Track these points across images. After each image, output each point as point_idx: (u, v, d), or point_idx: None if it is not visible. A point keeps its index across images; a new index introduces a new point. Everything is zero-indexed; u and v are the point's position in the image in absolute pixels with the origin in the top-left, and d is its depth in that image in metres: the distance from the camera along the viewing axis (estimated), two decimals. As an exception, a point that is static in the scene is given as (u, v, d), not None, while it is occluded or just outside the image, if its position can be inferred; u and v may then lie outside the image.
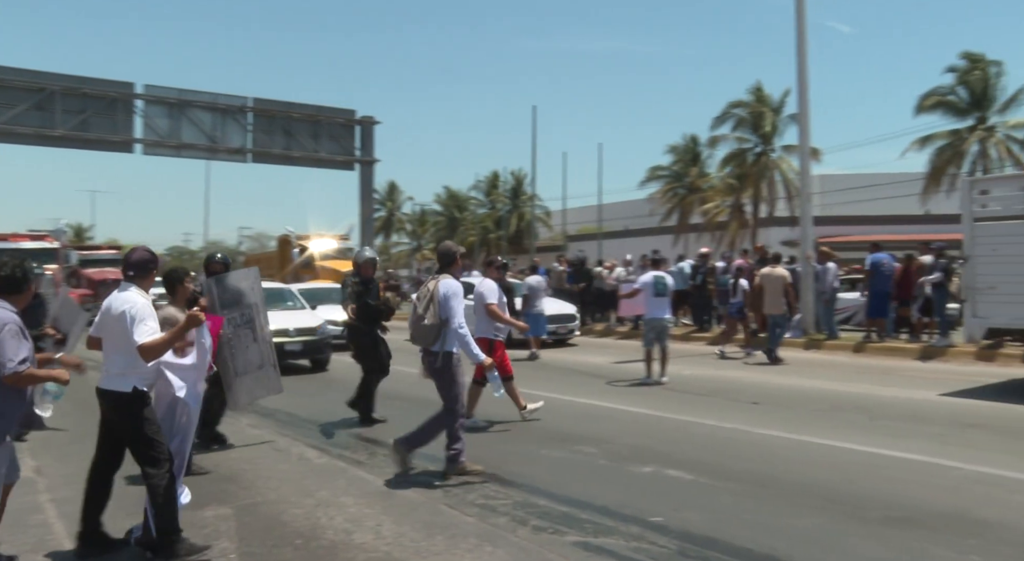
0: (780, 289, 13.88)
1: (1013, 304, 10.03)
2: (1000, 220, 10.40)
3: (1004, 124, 35.62)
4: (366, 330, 9.20)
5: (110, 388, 4.58)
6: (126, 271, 4.75)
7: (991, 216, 10.53)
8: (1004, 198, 10.67)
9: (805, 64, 17.43)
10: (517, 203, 63.13)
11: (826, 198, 42.32)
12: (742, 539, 4.81)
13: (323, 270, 26.99)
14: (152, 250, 4.93)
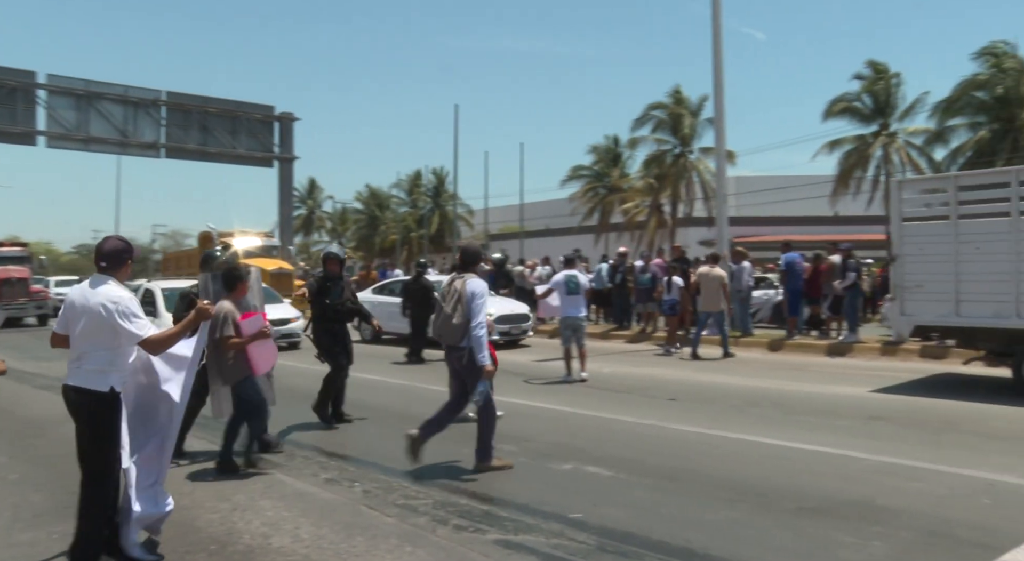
0: (717, 288, 14.36)
1: (939, 302, 10.32)
2: (926, 220, 10.80)
3: (904, 131, 37.38)
4: (327, 327, 8.81)
5: (86, 386, 4.25)
6: (98, 262, 4.42)
7: (918, 216, 10.91)
8: (930, 199, 11.11)
9: (721, 69, 17.88)
10: (439, 202, 62.93)
11: (741, 199, 43.59)
12: (659, 533, 4.90)
13: None
14: (126, 239, 4.60)
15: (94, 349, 4.26)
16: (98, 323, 4.23)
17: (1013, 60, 33.61)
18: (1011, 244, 9.62)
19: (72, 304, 4.37)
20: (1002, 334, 9.97)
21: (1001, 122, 33.89)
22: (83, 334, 4.28)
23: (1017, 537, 4.68)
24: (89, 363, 4.27)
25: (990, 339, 10.26)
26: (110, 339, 4.24)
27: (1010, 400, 9.40)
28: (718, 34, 17.78)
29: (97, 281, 4.38)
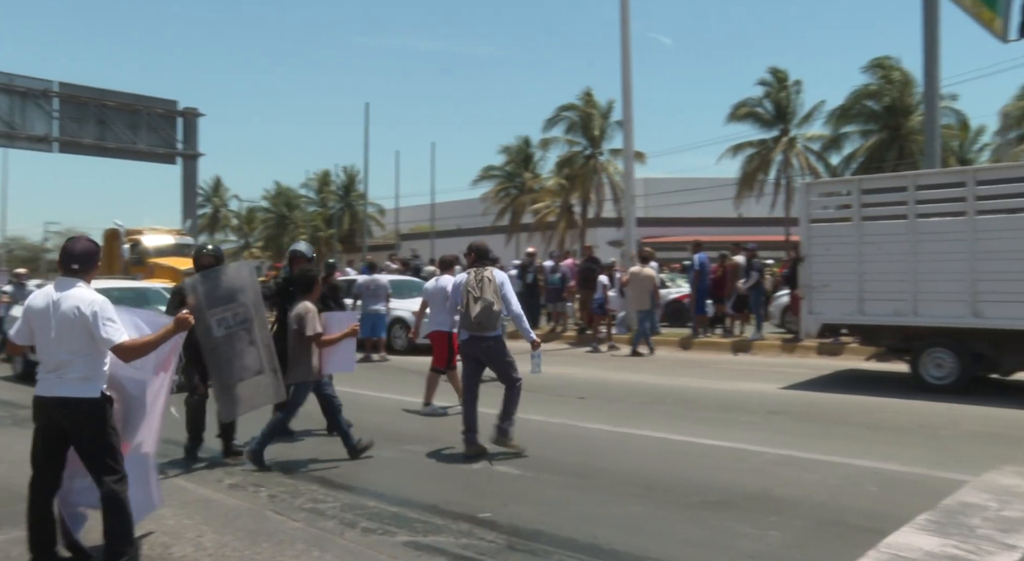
0: (647, 287, 14.69)
1: (844, 300, 10.75)
2: (832, 222, 11.23)
3: (803, 136, 38.99)
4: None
5: (75, 395, 4.04)
6: (69, 264, 4.18)
7: (824, 218, 11.33)
8: (836, 201, 11.57)
9: (629, 72, 18.24)
10: (349, 201, 62.06)
11: (649, 200, 44.53)
12: (568, 530, 4.96)
13: (158, 268, 24.96)
14: (93, 239, 4.36)
15: (75, 357, 4.05)
16: (74, 329, 4.03)
17: (899, 73, 35.52)
18: (908, 245, 10.13)
19: (36, 310, 4.13)
20: (901, 331, 10.48)
21: (889, 130, 35.82)
22: (59, 342, 4.05)
23: (900, 520, 4.95)
24: (72, 372, 4.05)
25: (890, 336, 10.78)
26: (90, 344, 4.04)
27: (903, 393, 9.91)
28: (626, 38, 18.14)
29: (66, 284, 4.14)
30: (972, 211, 9.67)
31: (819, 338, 13.26)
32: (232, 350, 6.31)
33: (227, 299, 6.31)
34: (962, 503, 5.33)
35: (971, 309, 9.68)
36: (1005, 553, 4.41)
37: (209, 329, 6.23)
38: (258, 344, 6.42)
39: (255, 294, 6.43)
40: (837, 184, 14.23)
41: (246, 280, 6.45)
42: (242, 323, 6.32)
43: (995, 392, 9.93)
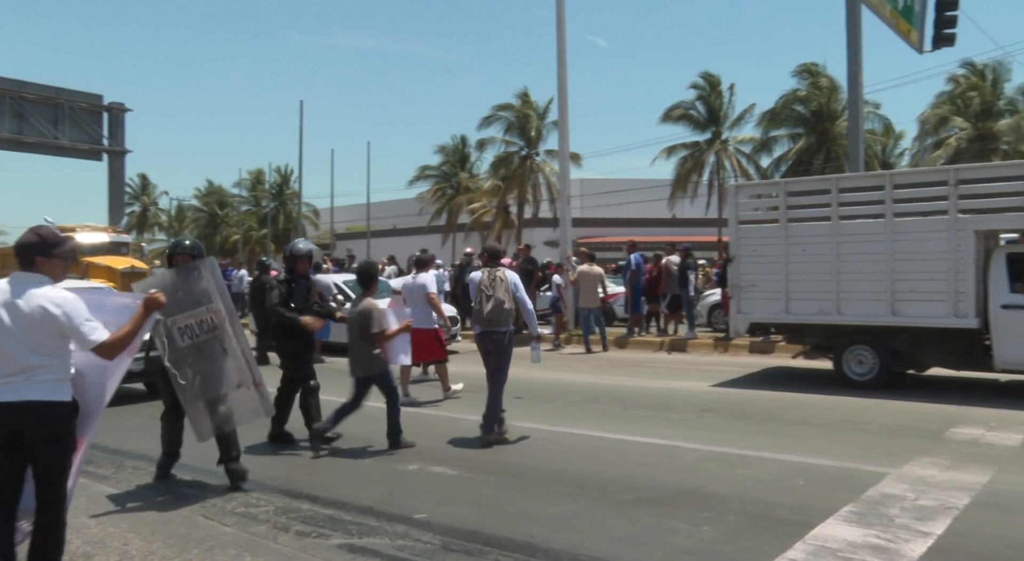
0: (596, 285, 15.01)
1: (771, 300, 11.03)
2: (760, 223, 11.50)
3: (734, 139, 39.88)
4: (290, 332, 7.45)
5: (47, 398, 3.68)
6: (31, 256, 3.81)
7: (752, 219, 11.59)
8: (763, 203, 11.84)
9: (565, 73, 18.37)
10: (283, 200, 61.08)
11: (585, 201, 44.93)
12: (504, 529, 4.98)
13: (93, 267, 23.87)
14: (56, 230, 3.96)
15: (46, 359, 3.71)
16: (43, 329, 3.69)
17: (826, 79, 36.65)
18: (832, 246, 10.46)
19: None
20: (825, 329, 10.81)
21: (817, 134, 36.89)
22: (27, 344, 3.67)
23: (826, 512, 5.11)
24: (44, 374, 3.70)
25: (815, 334, 11.11)
26: (60, 345, 3.74)
27: (829, 389, 10.21)
28: (562, 40, 18.27)
29: (27, 281, 3.78)
30: (890, 213, 10.04)
31: (749, 337, 13.59)
32: (203, 362, 5.69)
33: (191, 304, 5.64)
34: (883, 494, 5.54)
35: (890, 308, 10.05)
36: (920, 540, 4.61)
37: (171, 340, 5.62)
38: (235, 354, 5.76)
39: (223, 297, 5.74)
40: (764, 186, 14.59)
41: (210, 282, 5.71)
42: (210, 331, 5.67)
43: (913, 387, 10.32)
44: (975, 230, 9.57)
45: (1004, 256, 9.59)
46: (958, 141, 36.03)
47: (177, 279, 5.74)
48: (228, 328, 5.70)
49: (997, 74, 36.99)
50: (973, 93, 36.79)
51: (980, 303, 9.59)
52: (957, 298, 9.63)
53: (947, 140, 36.69)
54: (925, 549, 4.48)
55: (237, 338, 5.76)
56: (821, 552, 4.44)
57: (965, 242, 9.58)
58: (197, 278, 5.72)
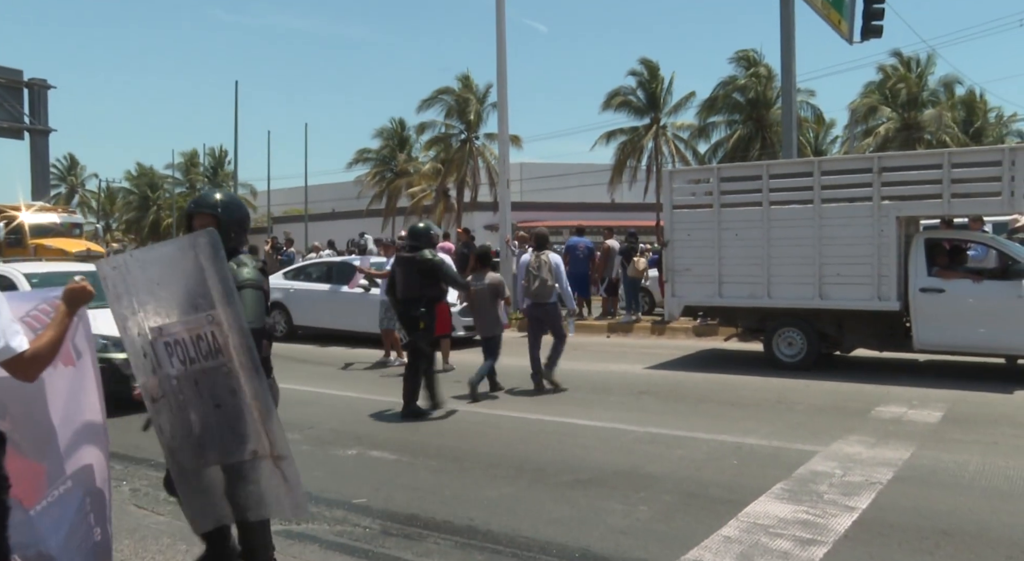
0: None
1: (704, 284, 11.20)
2: (694, 208, 11.66)
3: (673, 125, 40.38)
4: (430, 305, 8.40)
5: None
6: None
7: (687, 204, 11.74)
8: (697, 188, 11.99)
9: (504, 57, 18.32)
10: (217, 182, 59.69)
11: (525, 185, 44.99)
12: (443, 513, 4.99)
13: (43, 249, 22.06)
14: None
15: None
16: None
17: (763, 67, 37.34)
18: (762, 231, 10.69)
19: None
20: (756, 312, 11.07)
21: (753, 121, 37.60)
22: None
23: (758, 490, 5.25)
24: None
25: (746, 317, 11.37)
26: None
27: (761, 371, 10.46)
28: (501, 23, 18.20)
29: None
30: (818, 199, 10.31)
31: (685, 320, 13.81)
32: (202, 406, 3.36)
33: (182, 305, 3.30)
34: (812, 472, 5.72)
35: (818, 291, 10.34)
36: (846, 514, 4.78)
37: (155, 362, 3.39)
38: (245, 398, 3.26)
39: (230, 302, 3.19)
40: (698, 172, 14.78)
41: (210, 273, 3.21)
42: (211, 356, 3.26)
43: (839, 368, 10.64)
44: (897, 216, 9.89)
45: (923, 241, 9.94)
46: (886, 130, 37.17)
47: (151, 260, 3.42)
48: (236, 357, 3.20)
49: (922, 66, 38.22)
50: (901, 85, 37.94)
51: (901, 287, 9.93)
52: (880, 282, 9.94)
53: (876, 129, 37.81)
54: (851, 523, 4.64)
55: (245, 368, 3.21)
56: (753, 529, 4.57)
57: (888, 228, 9.90)
58: (187, 263, 3.24)
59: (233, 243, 3.67)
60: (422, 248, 8.31)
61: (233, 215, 3.72)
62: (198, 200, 3.80)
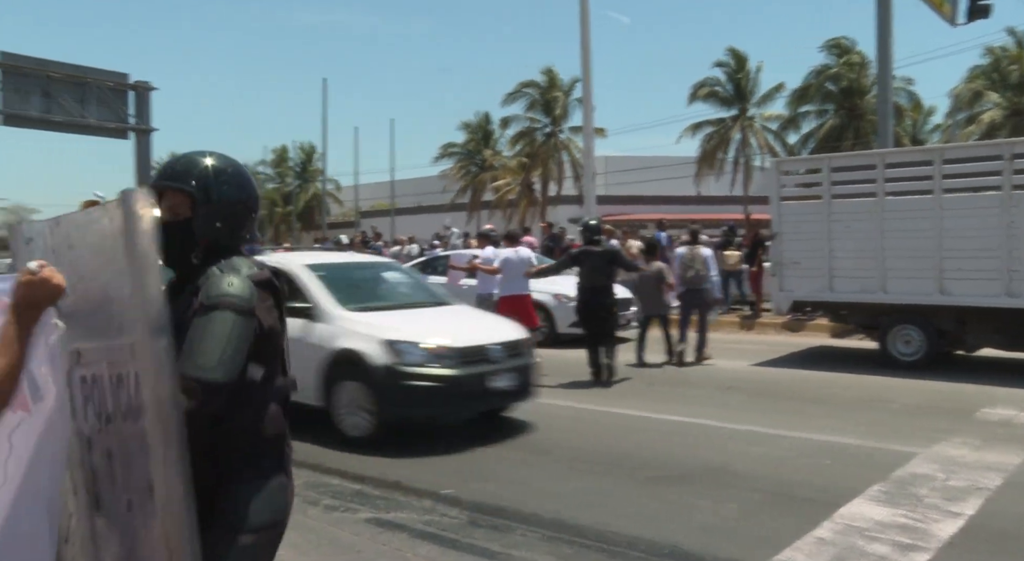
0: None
1: (813, 278, 10.83)
2: (802, 200, 11.33)
3: (761, 116, 39.39)
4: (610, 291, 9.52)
5: None
6: None
7: (795, 196, 11.42)
8: (805, 179, 11.66)
9: (588, 48, 18.20)
10: (306, 177, 61.29)
11: (610, 178, 44.65)
12: (530, 506, 5.01)
13: None
14: None
15: None
16: None
17: (856, 55, 36.02)
18: (876, 223, 10.21)
19: None
20: (868, 308, 10.62)
21: (846, 111, 36.32)
22: None
23: (852, 491, 5.08)
24: None
25: (858, 313, 10.91)
26: None
27: (853, 368, 10.12)
28: (585, 15, 18.08)
29: None
30: (939, 189, 9.78)
31: (769, 315, 13.45)
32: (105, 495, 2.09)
33: (108, 322, 2.01)
34: (911, 474, 5.49)
35: (938, 286, 9.79)
36: (950, 520, 4.57)
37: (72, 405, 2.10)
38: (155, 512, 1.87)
39: (155, 319, 1.84)
40: (807, 162, 14.29)
41: (130, 270, 1.89)
42: (132, 417, 1.93)
43: (949, 367, 10.17)
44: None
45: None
46: (991, 117, 35.29)
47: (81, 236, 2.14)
48: (150, 430, 1.86)
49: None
50: (1013, 66, 35.82)
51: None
52: (1011, 277, 9.31)
53: (980, 116, 35.94)
54: (956, 529, 4.44)
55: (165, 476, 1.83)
56: (848, 531, 4.43)
57: (1020, 218, 9.23)
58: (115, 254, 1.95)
59: (217, 237, 2.17)
60: (601, 240, 9.64)
61: (222, 196, 2.17)
62: (164, 169, 2.25)
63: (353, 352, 6.50)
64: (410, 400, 6.43)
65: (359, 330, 6.64)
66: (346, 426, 6.62)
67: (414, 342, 6.46)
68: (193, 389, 1.89)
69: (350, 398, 6.60)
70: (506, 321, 7.97)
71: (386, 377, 6.33)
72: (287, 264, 7.74)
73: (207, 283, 2.05)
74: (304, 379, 6.38)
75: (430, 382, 6.37)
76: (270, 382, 2.15)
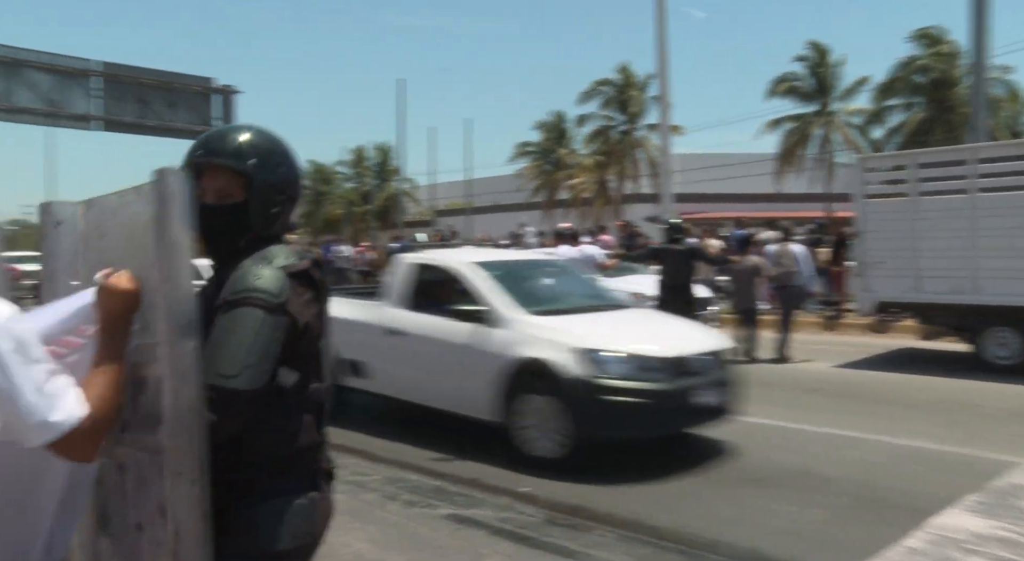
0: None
1: (899, 278, 10.45)
2: (888, 197, 10.97)
3: (843, 110, 38.23)
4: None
5: None
6: None
7: (880, 193, 11.07)
8: (890, 176, 11.30)
9: (664, 45, 17.98)
10: (383, 177, 62.32)
11: (687, 176, 43.99)
12: (607, 505, 4.98)
13: None
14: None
15: None
16: None
17: (947, 44, 34.60)
18: (967, 221, 9.80)
19: None
20: (959, 310, 10.16)
21: (935, 103, 34.93)
22: None
23: (944, 500, 4.87)
24: None
25: (948, 315, 10.45)
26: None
27: (944, 372, 9.73)
28: (661, 10, 17.86)
29: None
30: None
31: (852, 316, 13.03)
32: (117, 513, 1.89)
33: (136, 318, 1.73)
34: (1013, 485, 5.23)
35: None
36: (1055, 535, 4.34)
37: None
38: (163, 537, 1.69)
39: (184, 318, 1.66)
40: (893, 158, 13.82)
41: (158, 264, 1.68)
42: (150, 427, 1.72)
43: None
44: None
45: None
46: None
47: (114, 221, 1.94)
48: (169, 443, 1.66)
49: None
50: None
51: None
52: None
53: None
54: (1058, 542, 4.22)
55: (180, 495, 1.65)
56: (943, 542, 4.25)
57: None
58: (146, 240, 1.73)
59: (268, 223, 1.89)
60: (682, 239, 9.76)
61: (280, 177, 1.91)
62: (208, 143, 1.92)
63: (540, 362, 5.72)
64: (611, 418, 5.60)
65: (545, 336, 5.88)
66: (532, 447, 5.84)
67: (615, 351, 5.68)
68: (212, 399, 1.66)
69: (536, 414, 5.82)
70: (705, 327, 7.28)
71: (582, 391, 5.51)
72: (452, 261, 7.12)
73: (234, 276, 1.78)
74: (475, 391, 6.15)
75: (635, 398, 5.54)
76: (303, 389, 1.85)
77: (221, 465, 1.70)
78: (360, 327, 7.16)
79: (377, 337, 6.99)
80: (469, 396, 6.25)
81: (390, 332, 6.90)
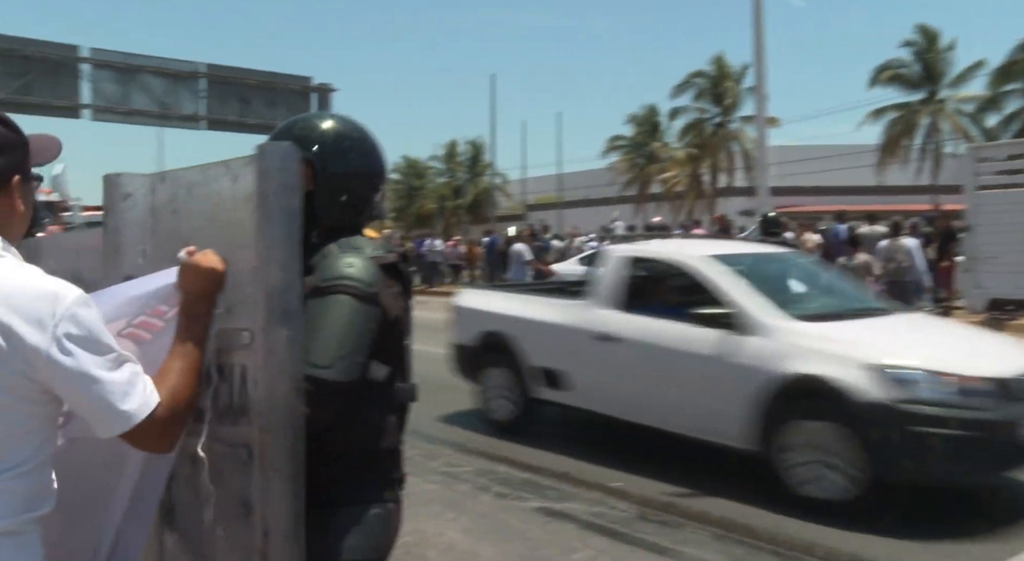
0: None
1: (1014, 274, 10.03)
2: (1001, 189, 10.48)
3: (954, 97, 36.39)
4: None
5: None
6: None
7: (993, 185, 10.58)
8: (1006, 167, 10.79)
9: (761, 34, 17.53)
10: (475, 172, 62.96)
11: (783, 169, 42.82)
12: (700, 504, 4.94)
13: None
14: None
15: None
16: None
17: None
18: None
19: None
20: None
21: (1058, 87, 32.88)
22: None
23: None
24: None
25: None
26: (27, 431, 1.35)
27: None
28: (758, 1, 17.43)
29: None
30: None
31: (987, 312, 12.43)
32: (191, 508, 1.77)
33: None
34: None
35: None
36: None
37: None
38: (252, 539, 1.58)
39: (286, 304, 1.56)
40: (1010, 147, 13.13)
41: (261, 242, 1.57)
42: (232, 419, 1.66)
43: None
44: None
45: None
46: None
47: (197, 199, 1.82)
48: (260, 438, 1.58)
49: None
50: None
51: None
52: None
53: None
54: None
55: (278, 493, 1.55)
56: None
57: None
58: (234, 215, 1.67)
59: (341, 215, 1.86)
60: (779, 233, 9.81)
61: (347, 165, 1.87)
62: (279, 128, 2.03)
63: (818, 380, 4.66)
64: (923, 456, 4.45)
65: (822, 348, 4.84)
66: (810, 488, 4.74)
67: (926, 369, 4.55)
68: (305, 390, 1.57)
69: (811, 446, 4.75)
70: (1011, 339, 5.95)
71: (884, 419, 4.41)
72: (680, 255, 6.20)
73: (323, 263, 1.73)
74: (719, 412, 5.22)
75: (958, 430, 4.36)
76: (390, 386, 1.79)
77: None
78: (559, 331, 6.31)
79: (582, 343, 6.08)
80: (711, 417, 5.31)
81: (601, 338, 5.93)
